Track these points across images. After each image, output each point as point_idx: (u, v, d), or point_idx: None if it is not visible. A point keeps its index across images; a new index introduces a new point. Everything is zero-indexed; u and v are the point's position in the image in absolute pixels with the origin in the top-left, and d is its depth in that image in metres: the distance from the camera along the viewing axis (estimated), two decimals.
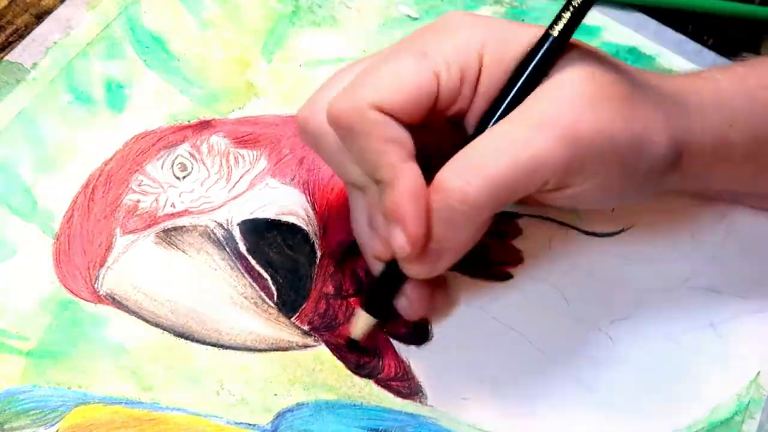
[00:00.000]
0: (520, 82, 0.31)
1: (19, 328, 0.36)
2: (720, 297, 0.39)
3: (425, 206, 0.30)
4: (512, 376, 0.37)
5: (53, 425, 0.34)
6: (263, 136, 0.41)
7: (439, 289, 0.36)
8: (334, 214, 0.39)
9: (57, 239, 0.38)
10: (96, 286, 0.37)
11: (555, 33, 0.31)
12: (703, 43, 0.46)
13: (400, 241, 0.30)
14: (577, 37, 0.31)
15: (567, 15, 0.31)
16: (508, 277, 0.39)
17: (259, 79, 0.43)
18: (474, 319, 0.38)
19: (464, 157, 0.30)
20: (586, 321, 0.38)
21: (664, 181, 0.33)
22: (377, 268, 0.35)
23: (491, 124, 0.31)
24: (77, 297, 0.37)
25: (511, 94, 0.31)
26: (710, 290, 0.39)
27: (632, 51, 0.45)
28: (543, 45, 0.31)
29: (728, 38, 0.46)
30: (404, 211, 0.29)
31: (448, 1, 0.46)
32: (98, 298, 0.37)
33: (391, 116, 0.30)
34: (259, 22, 0.45)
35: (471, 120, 0.32)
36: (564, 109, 0.30)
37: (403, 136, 0.30)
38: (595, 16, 0.46)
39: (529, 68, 0.31)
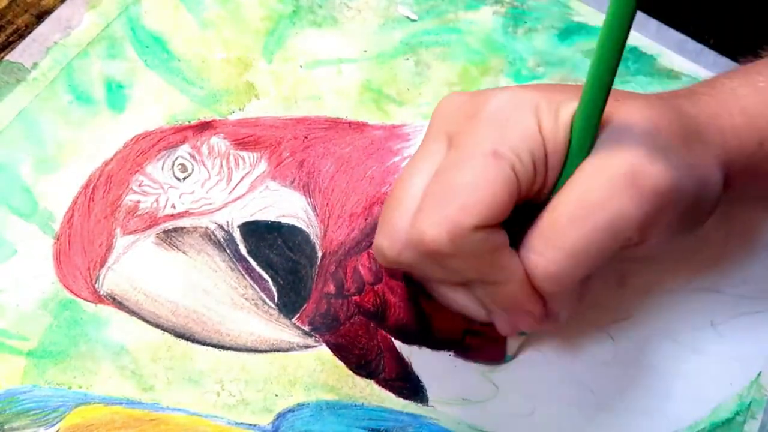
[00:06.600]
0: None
1: (19, 328, 0.36)
2: (720, 297, 0.39)
3: (535, 289, 0.30)
4: (513, 377, 0.37)
5: (54, 425, 0.34)
6: (263, 138, 0.41)
7: None
8: (335, 216, 0.39)
9: (57, 239, 0.38)
10: (96, 286, 0.37)
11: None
12: (705, 43, 0.46)
13: (530, 324, 0.32)
14: (577, 37, 0.31)
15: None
16: None
17: (259, 80, 0.43)
18: None
19: (539, 233, 0.29)
20: (588, 321, 0.38)
21: (715, 209, 0.33)
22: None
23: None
24: (78, 297, 0.37)
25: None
26: (711, 290, 0.39)
27: (633, 51, 0.45)
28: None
29: (730, 38, 0.46)
30: (523, 301, 0.31)
31: (449, 1, 0.46)
32: (99, 299, 0.37)
33: (489, 227, 0.29)
34: (260, 23, 0.45)
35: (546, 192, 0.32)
36: (632, 166, 0.29)
37: (503, 238, 0.30)
38: (595, 17, 0.46)
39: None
